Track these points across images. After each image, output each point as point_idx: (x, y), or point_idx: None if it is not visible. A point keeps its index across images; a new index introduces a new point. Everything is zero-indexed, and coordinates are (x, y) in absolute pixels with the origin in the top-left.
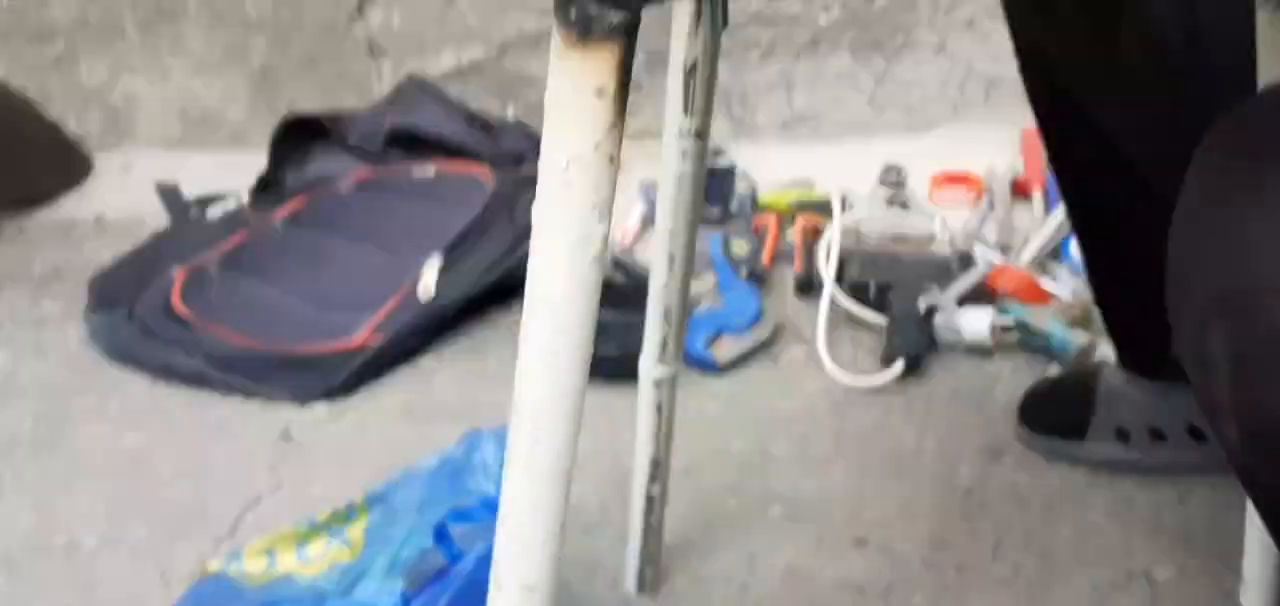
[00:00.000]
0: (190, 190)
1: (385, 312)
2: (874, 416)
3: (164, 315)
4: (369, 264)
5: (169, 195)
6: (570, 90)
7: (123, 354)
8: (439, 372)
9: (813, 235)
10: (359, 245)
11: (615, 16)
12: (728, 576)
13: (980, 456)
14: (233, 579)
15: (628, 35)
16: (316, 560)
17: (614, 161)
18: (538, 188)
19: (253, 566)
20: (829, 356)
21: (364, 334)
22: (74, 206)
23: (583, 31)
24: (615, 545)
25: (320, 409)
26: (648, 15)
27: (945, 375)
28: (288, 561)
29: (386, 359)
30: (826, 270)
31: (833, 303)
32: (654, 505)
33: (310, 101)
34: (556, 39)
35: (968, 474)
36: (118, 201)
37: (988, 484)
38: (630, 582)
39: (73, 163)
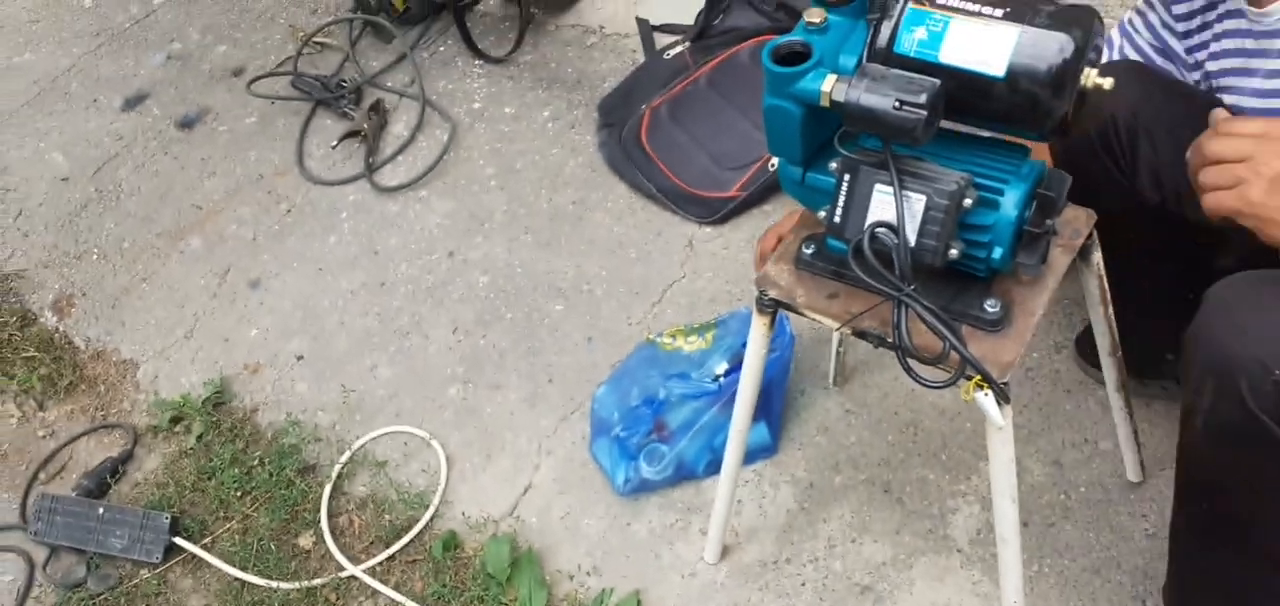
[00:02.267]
0: (656, 17)
1: (749, 176)
2: None
3: (636, 146)
4: (748, 133)
5: (643, 29)
6: None
7: (615, 167)
8: (773, 216)
9: None
10: (744, 115)
11: None
12: (888, 383)
13: None
14: (656, 344)
15: None
16: (691, 344)
17: None
18: None
19: (664, 340)
20: None
21: (734, 189)
22: (587, 13)
23: None
24: (822, 356)
25: (709, 230)
26: None
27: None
28: (680, 342)
29: (746, 205)
30: None
31: None
32: (843, 342)
33: None
34: None
35: None
36: (612, 11)
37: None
38: (830, 379)
39: None
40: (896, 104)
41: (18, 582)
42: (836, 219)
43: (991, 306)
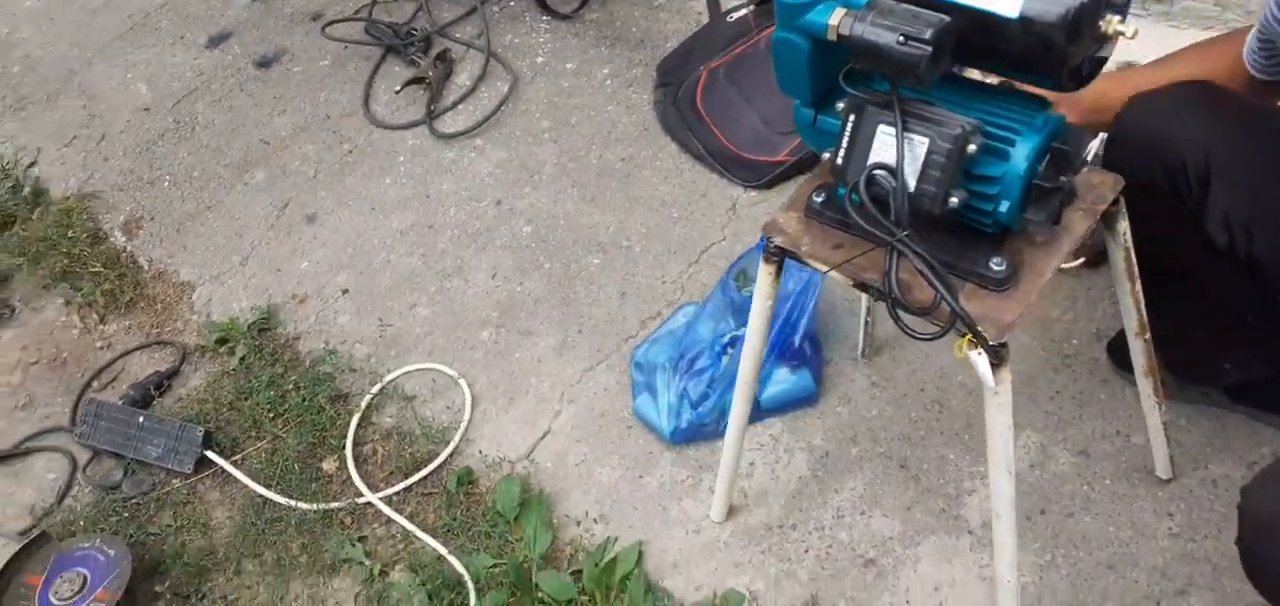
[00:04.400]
0: None
1: (800, 141)
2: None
3: (691, 107)
4: None
5: None
6: None
7: (668, 127)
8: None
9: None
10: None
11: None
12: (917, 358)
13: None
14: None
15: None
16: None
17: None
18: None
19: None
20: None
21: (784, 154)
22: None
23: None
24: (853, 326)
25: (754, 194)
26: None
27: None
28: (748, 289)
29: (794, 171)
30: None
31: None
32: (871, 311)
33: None
34: None
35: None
36: None
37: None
38: (858, 351)
39: None
40: (901, 39)
41: (60, 481)
42: (840, 160)
43: (997, 264)
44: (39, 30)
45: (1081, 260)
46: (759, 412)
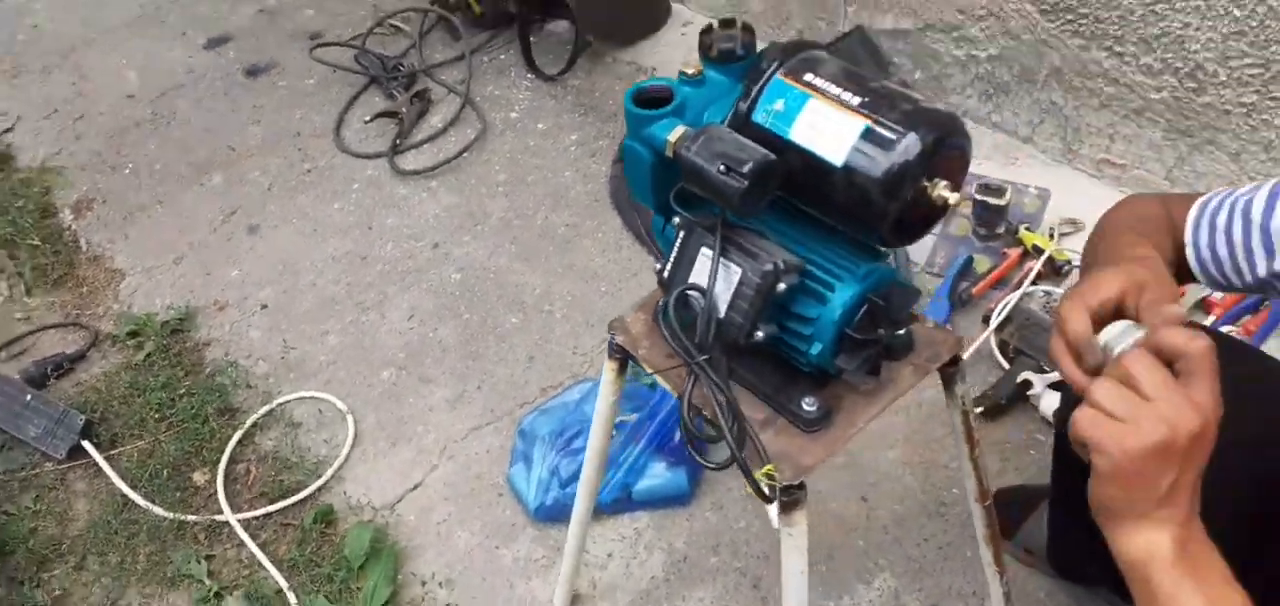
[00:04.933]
0: None
1: None
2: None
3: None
4: None
5: None
6: None
7: (616, 202)
8: None
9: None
10: None
11: None
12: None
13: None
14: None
15: None
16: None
17: None
18: None
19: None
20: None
21: None
22: (645, 54)
23: None
24: None
25: None
26: None
27: (1016, 431)
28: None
29: None
30: (993, 317)
31: (986, 342)
32: None
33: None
34: None
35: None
36: (667, 57)
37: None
38: None
39: (658, 12)
40: (722, 168)
41: None
42: (665, 274)
43: (809, 405)
44: (52, 4)
45: (980, 409)
46: (630, 503)
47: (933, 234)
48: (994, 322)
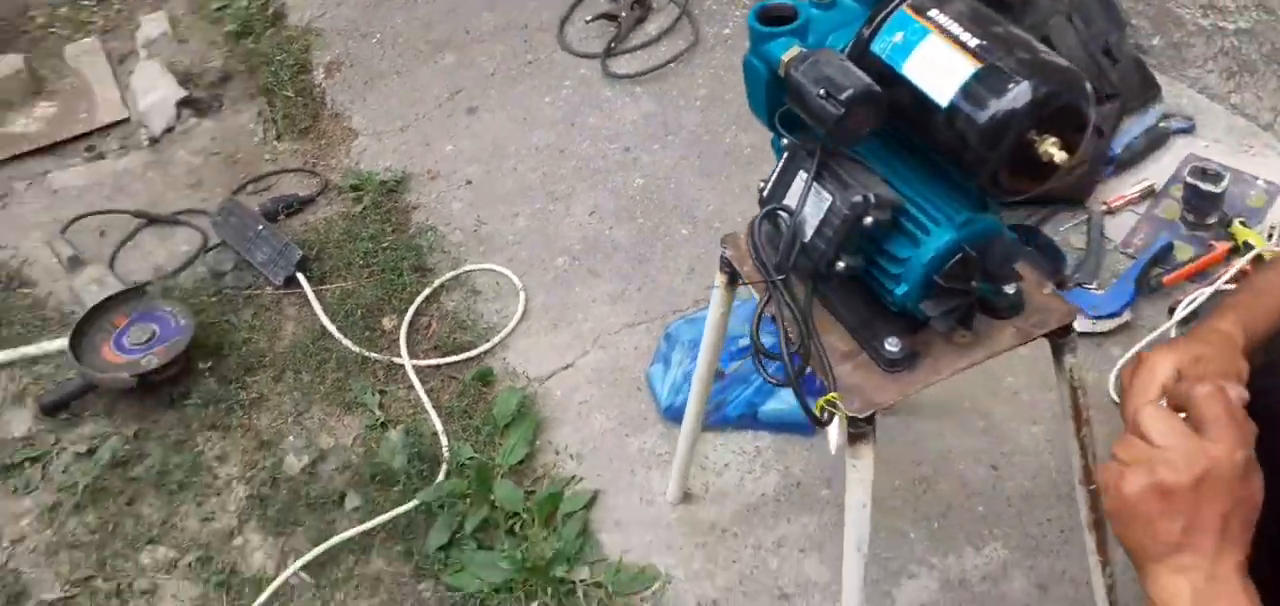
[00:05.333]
0: None
1: None
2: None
3: None
4: None
5: None
6: None
7: None
8: None
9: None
10: None
11: None
12: (925, 432)
13: None
14: None
15: None
16: None
17: None
18: None
19: None
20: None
21: None
22: None
23: None
24: None
25: None
26: None
27: None
28: None
29: None
30: (1179, 310)
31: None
32: None
33: None
34: None
35: None
36: None
37: None
38: None
39: None
40: (821, 92)
41: (190, 252)
42: (765, 192)
43: (892, 345)
44: None
45: None
46: (755, 421)
47: (1135, 211)
48: (1178, 315)
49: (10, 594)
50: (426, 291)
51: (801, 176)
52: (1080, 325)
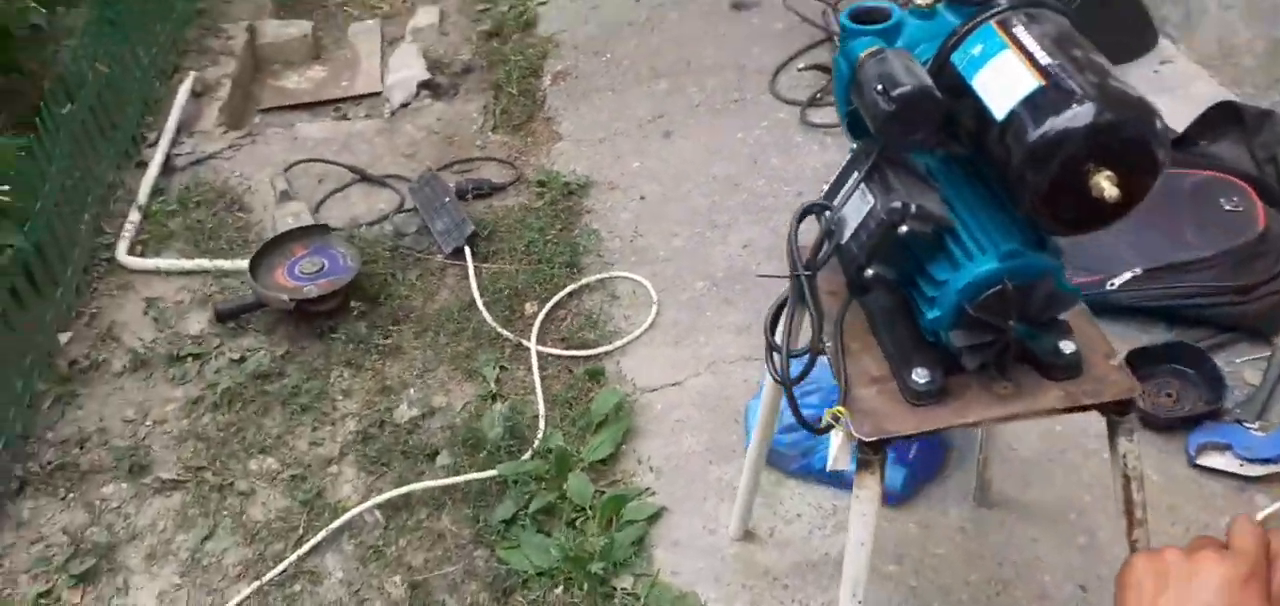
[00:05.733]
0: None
1: (1084, 281)
2: None
3: None
4: (1115, 246)
5: None
6: None
7: None
8: None
9: None
10: (1134, 229)
11: None
12: (1014, 533)
13: None
14: None
15: None
16: None
17: None
18: None
19: None
20: None
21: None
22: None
23: None
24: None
25: None
26: None
27: None
28: None
29: None
30: None
31: None
32: (984, 450)
33: None
34: None
35: None
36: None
37: None
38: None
39: (1146, 38)
40: (878, 87)
41: (386, 210)
42: (826, 188)
43: (920, 376)
44: None
45: None
46: (843, 480)
47: None
48: None
49: (136, 465)
50: (571, 287)
51: (855, 177)
52: (1226, 463)
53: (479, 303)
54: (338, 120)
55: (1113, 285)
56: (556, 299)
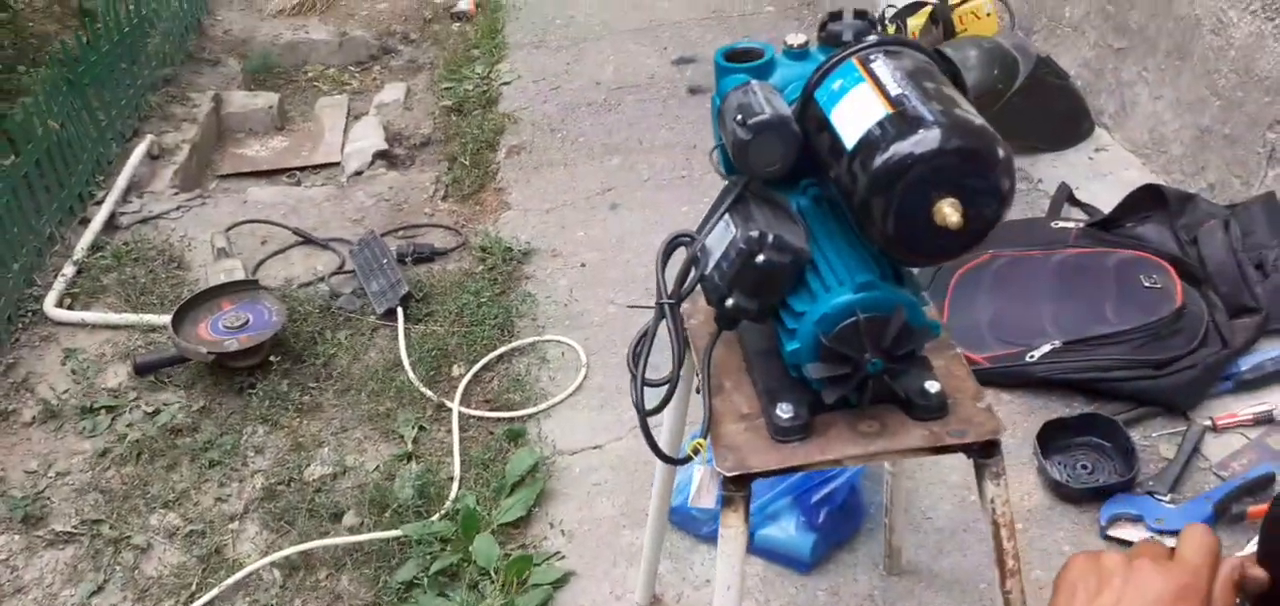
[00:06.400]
0: (1084, 192)
1: (1002, 354)
2: None
3: (947, 274)
4: (1037, 320)
5: (1061, 192)
6: None
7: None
8: (1006, 408)
9: None
10: (1054, 307)
11: None
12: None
13: None
14: None
15: None
16: None
17: None
18: None
19: None
20: None
21: (981, 357)
22: (1045, 164)
23: None
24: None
25: None
26: None
27: None
28: None
29: (982, 378)
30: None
31: None
32: (888, 517)
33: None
34: None
35: None
36: (1067, 171)
37: None
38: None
39: (1081, 128)
40: (738, 117)
41: (325, 270)
42: (702, 220)
43: (784, 411)
44: (594, 4)
45: None
46: (750, 544)
47: (1245, 435)
48: (1247, 550)
49: (31, 516)
50: (501, 350)
51: (722, 210)
52: (1137, 534)
53: (405, 362)
54: (290, 186)
55: (1032, 356)
56: (484, 361)
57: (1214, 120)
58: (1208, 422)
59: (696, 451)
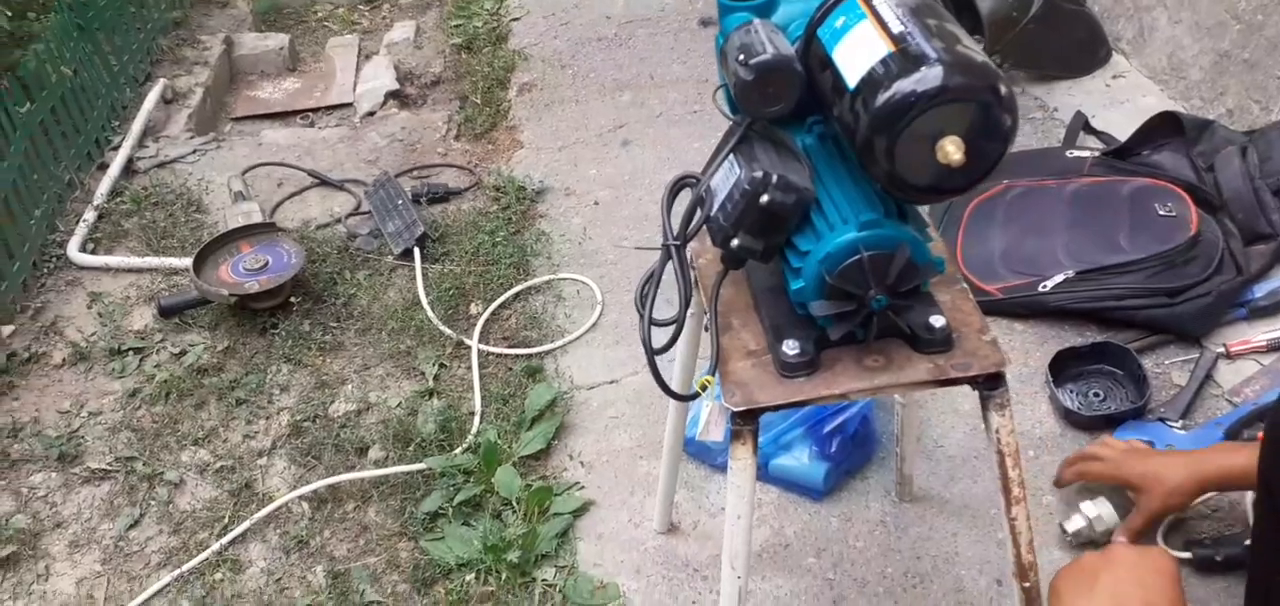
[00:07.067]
0: (1100, 121)
1: (1015, 284)
2: None
3: (960, 207)
4: (1052, 252)
5: (1076, 121)
6: None
7: (935, 220)
8: (1023, 335)
9: None
10: (1068, 236)
11: None
12: (935, 528)
13: None
14: None
15: None
16: None
17: None
18: None
19: None
20: None
21: (995, 288)
22: (1060, 92)
23: None
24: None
25: None
26: None
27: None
28: None
29: (996, 310)
30: None
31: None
32: (901, 447)
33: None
34: None
35: None
36: (1083, 99)
37: None
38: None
39: (1098, 55)
40: (740, 57)
41: (342, 212)
42: (708, 162)
43: (790, 348)
44: None
45: (1187, 555)
46: (764, 473)
47: (1258, 361)
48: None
49: (66, 454)
50: (517, 288)
51: (727, 151)
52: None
53: (424, 302)
54: (304, 127)
55: (1045, 287)
56: (501, 299)
57: (1233, 44)
58: (1221, 349)
59: (704, 388)
